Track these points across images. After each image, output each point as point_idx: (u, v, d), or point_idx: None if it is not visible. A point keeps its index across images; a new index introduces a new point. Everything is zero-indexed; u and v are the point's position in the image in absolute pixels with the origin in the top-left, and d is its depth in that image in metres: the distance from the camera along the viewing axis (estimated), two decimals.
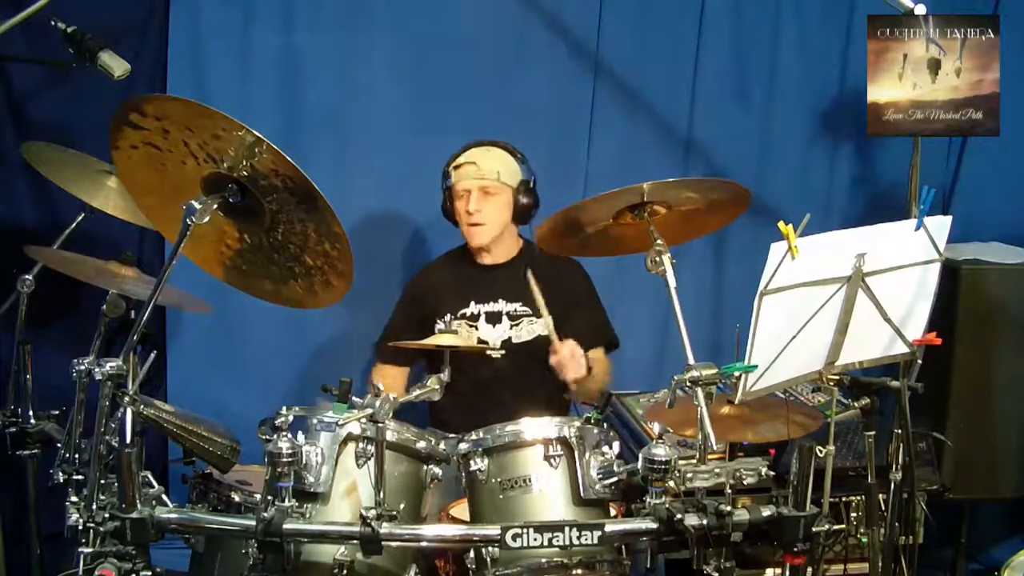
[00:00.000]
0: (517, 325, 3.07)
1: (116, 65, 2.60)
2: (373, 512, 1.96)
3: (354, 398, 2.16)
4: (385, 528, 1.96)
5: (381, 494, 2.00)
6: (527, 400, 2.84)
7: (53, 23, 2.59)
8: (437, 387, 2.27)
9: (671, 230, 2.28)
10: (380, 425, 2.03)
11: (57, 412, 2.77)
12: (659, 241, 2.18)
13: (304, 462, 2.10)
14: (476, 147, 3.03)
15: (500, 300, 3.09)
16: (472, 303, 3.09)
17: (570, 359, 2.86)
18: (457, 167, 3.02)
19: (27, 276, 2.77)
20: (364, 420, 2.08)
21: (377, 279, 3.47)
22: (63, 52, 2.62)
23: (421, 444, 2.28)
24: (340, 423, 2.13)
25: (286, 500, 1.96)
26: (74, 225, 2.89)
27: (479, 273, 3.13)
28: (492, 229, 3.04)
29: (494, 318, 3.08)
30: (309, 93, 3.42)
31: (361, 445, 2.18)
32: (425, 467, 2.30)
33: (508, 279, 3.09)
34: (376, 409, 2.04)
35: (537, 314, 2.99)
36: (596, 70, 3.56)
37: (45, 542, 2.81)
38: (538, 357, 2.95)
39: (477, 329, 3.06)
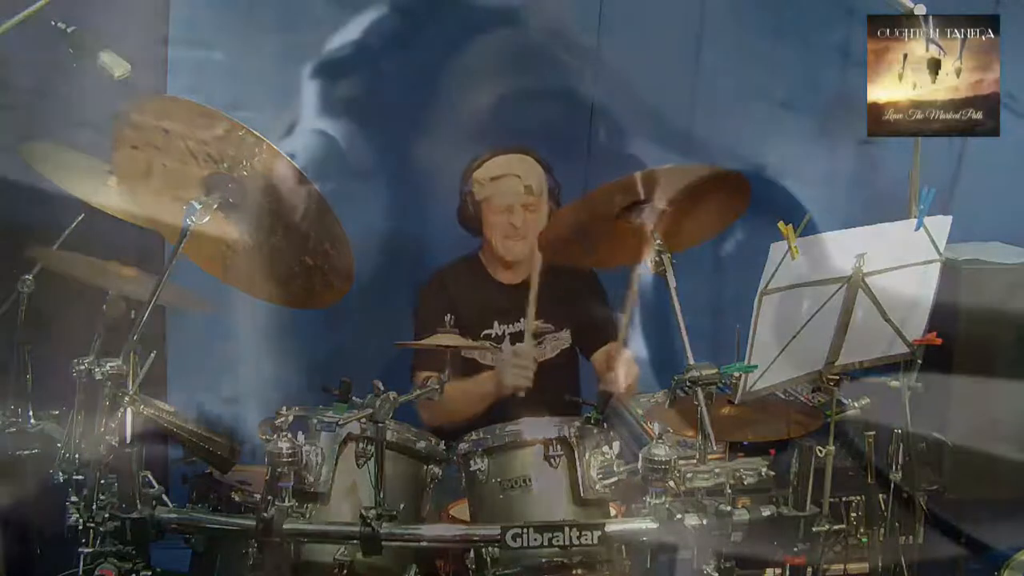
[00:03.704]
0: (541, 344, 3.01)
1: (116, 65, 2.59)
2: (373, 512, 1.96)
3: (354, 398, 2.16)
4: (385, 528, 1.96)
5: (381, 494, 2.00)
6: (539, 408, 2.81)
7: (53, 23, 2.58)
8: (437, 387, 2.27)
9: (672, 236, 2.27)
10: (380, 425, 2.03)
11: (57, 412, 2.76)
12: (659, 241, 2.18)
13: (304, 462, 2.10)
14: (505, 153, 2.94)
15: (522, 320, 3.00)
16: (496, 323, 3.02)
17: (629, 367, 2.80)
18: (495, 179, 2.91)
19: (27, 276, 2.77)
20: (364, 420, 2.08)
21: (377, 279, 3.46)
22: (63, 52, 2.62)
23: (421, 444, 2.28)
24: (340, 423, 2.13)
25: (286, 500, 1.96)
26: (74, 225, 2.88)
27: (499, 292, 3.06)
28: (530, 243, 2.93)
29: (518, 338, 3.00)
30: (309, 93, 3.42)
31: (361, 445, 2.18)
32: (425, 467, 2.30)
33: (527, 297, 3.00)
34: (376, 409, 2.04)
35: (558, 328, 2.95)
36: (596, 70, 3.56)
37: (45, 542, 2.81)
38: (558, 370, 2.93)
39: (502, 351, 2.94)
